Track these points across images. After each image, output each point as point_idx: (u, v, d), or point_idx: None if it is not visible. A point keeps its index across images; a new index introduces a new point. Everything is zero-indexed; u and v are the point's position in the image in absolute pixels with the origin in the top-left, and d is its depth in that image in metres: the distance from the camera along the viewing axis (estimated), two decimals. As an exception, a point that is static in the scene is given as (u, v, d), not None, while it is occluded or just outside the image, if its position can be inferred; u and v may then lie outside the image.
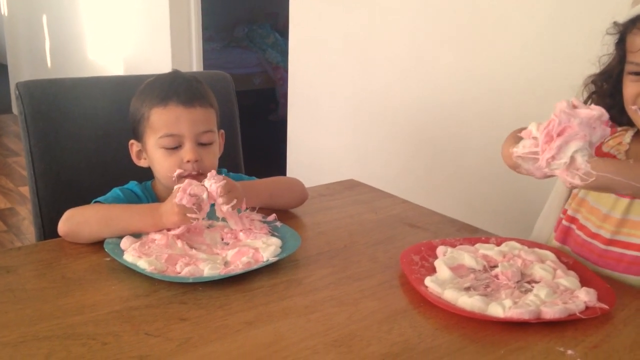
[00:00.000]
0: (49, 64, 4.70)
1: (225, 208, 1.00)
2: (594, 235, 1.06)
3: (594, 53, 1.10)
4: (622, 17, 1.02)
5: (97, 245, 1.01)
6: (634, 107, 1.00)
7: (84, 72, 4.01)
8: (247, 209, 1.08)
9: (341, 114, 2.26)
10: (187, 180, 1.00)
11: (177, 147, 1.10)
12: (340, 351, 0.76)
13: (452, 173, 1.85)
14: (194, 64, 3.00)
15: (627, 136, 1.09)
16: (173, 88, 1.11)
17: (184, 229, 1.03)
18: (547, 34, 1.53)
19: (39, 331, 0.78)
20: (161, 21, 3.01)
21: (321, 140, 2.38)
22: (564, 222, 1.12)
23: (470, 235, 1.13)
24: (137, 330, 0.79)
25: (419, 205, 1.30)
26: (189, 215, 0.99)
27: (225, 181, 1.00)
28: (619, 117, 1.07)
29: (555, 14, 1.51)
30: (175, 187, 1.01)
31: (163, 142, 1.09)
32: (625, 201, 1.03)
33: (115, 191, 1.12)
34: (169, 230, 1.03)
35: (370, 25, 2.07)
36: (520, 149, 0.87)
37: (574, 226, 1.10)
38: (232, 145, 1.47)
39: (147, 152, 1.14)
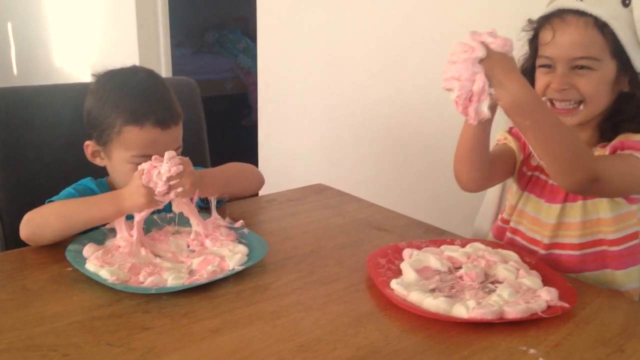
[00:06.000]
0: (15, 72, 4.62)
1: (172, 194, 0.98)
2: (535, 242, 1.10)
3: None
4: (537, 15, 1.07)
5: (59, 255, 0.99)
6: (543, 99, 1.03)
7: (51, 79, 3.95)
8: (201, 199, 1.07)
9: (311, 118, 2.26)
10: (149, 162, 0.98)
11: None
12: (306, 356, 0.76)
13: (420, 175, 1.87)
14: (163, 70, 2.98)
15: None
16: (150, 107, 1.08)
17: (147, 213, 1.02)
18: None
19: (-2, 344, 0.76)
20: (128, 27, 2.98)
21: (292, 145, 2.38)
22: (507, 234, 1.15)
23: (437, 237, 1.14)
24: (98, 340, 0.78)
25: (387, 208, 1.31)
26: (156, 197, 0.98)
27: (181, 166, 0.98)
28: None
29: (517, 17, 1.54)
30: (140, 167, 0.99)
31: (135, 160, 1.07)
32: (557, 206, 1.07)
33: (68, 190, 1.11)
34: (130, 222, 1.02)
35: (338, 29, 2.08)
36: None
37: (517, 237, 1.14)
38: (199, 152, 1.47)
39: (111, 160, 1.12)
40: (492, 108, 0.89)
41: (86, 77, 3.57)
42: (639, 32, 0.99)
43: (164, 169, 0.96)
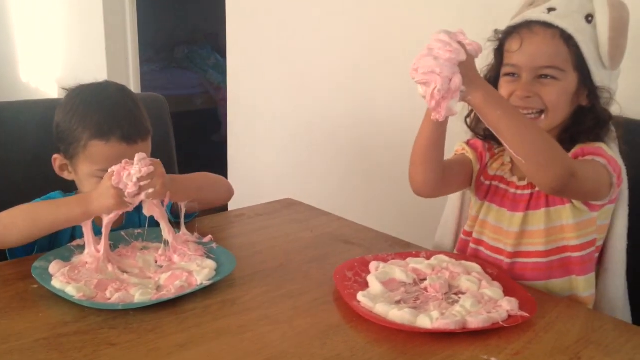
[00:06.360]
0: (-21, 87, 4.54)
1: (143, 195, 0.98)
2: (499, 252, 1.12)
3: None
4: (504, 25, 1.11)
5: (25, 271, 0.98)
6: None
7: (17, 94, 3.91)
8: (171, 212, 1.07)
9: (281, 133, 2.28)
10: (119, 165, 0.98)
11: None
12: (273, 369, 0.77)
13: (387, 189, 1.89)
14: (132, 85, 2.97)
15: (507, 155, 1.15)
16: (116, 122, 1.08)
17: (116, 216, 1.01)
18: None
19: (-40, 363, 0.75)
20: (96, 42, 2.97)
21: (261, 160, 2.39)
22: (471, 245, 1.17)
23: (403, 250, 1.16)
24: (64, 357, 0.77)
25: (354, 222, 1.33)
26: (125, 199, 0.98)
27: (152, 166, 0.98)
28: None
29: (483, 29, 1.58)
30: (110, 169, 0.99)
31: (101, 175, 1.06)
32: (520, 215, 1.09)
33: (36, 200, 1.10)
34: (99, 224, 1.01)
35: (307, 45, 2.10)
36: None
37: (481, 248, 1.16)
38: (168, 168, 1.45)
39: (77, 174, 1.12)
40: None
41: (53, 93, 3.55)
42: (601, 48, 1.03)
43: (134, 169, 0.96)
